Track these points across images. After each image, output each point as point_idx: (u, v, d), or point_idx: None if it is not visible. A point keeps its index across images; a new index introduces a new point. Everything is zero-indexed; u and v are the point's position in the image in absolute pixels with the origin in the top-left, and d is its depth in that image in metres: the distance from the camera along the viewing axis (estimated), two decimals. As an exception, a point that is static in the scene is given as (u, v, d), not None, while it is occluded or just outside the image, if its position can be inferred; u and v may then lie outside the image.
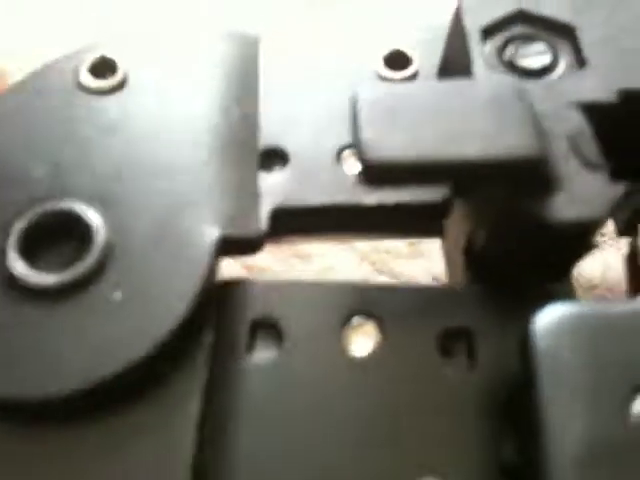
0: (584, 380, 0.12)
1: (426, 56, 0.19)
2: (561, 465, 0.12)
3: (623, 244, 0.22)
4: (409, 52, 0.19)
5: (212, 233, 0.15)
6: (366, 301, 0.15)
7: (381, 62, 0.19)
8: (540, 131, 0.14)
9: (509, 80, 0.15)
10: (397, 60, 0.19)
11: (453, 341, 0.15)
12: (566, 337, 0.13)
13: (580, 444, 0.12)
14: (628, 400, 0.12)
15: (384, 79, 0.18)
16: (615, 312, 0.13)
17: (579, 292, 0.23)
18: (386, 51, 0.19)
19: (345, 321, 0.15)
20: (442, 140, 0.13)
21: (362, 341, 0.15)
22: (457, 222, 0.17)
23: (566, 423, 0.12)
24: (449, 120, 0.14)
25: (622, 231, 0.18)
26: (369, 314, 0.15)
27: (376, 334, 0.15)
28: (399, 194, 0.16)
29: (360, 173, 0.13)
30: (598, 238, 0.15)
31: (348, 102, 0.14)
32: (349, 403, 0.14)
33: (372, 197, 0.16)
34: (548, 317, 0.13)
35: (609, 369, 0.12)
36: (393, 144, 0.13)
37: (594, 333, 0.13)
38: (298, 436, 0.14)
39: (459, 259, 0.17)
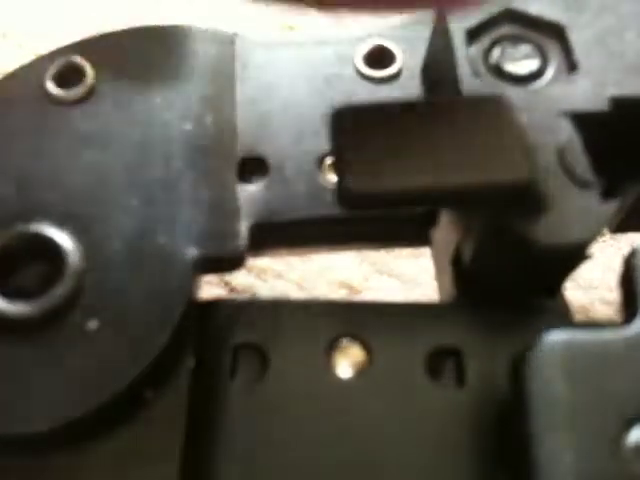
0: (577, 411, 0.12)
1: (410, 53, 0.18)
2: None
3: (623, 244, 0.21)
4: (393, 49, 0.18)
5: (190, 252, 0.15)
6: (352, 322, 0.15)
7: (363, 60, 0.18)
8: (529, 148, 0.14)
9: (497, 94, 0.14)
10: (380, 58, 0.18)
11: (441, 361, 0.15)
12: (559, 367, 0.12)
13: (571, 477, 0.12)
14: (621, 433, 0.12)
15: (366, 78, 0.18)
16: (609, 340, 0.13)
17: (579, 294, 0.23)
18: (368, 48, 0.18)
19: (331, 343, 0.15)
20: (425, 164, 0.13)
21: (348, 363, 0.15)
22: (446, 231, 0.16)
23: (557, 455, 0.12)
24: (432, 141, 0.13)
25: (615, 230, 0.18)
26: (355, 335, 0.15)
27: (362, 355, 0.15)
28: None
29: (338, 198, 0.13)
30: (592, 249, 0.14)
31: (323, 118, 0.13)
32: (335, 426, 0.14)
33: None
34: (541, 346, 0.13)
35: (602, 400, 0.12)
36: (375, 169, 0.13)
37: (587, 363, 0.12)
38: (283, 461, 0.14)
39: (448, 269, 0.16)
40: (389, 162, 0.13)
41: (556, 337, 0.13)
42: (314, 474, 0.14)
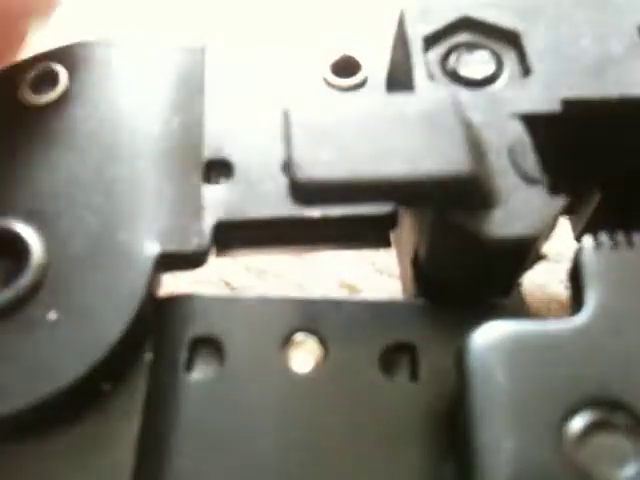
0: (517, 400, 0.12)
1: (376, 62, 0.18)
2: None
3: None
4: (358, 58, 0.18)
5: (151, 249, 0.15)
6: (309, 317, 0.15)
7: (329, 69, 0.18)
8: (476, 146, 0.14)
9: (446, 94, 0.15)
10: (346, 66, 0.18)
11: (396, 356, 0.15)
12: (500, 356, 0.13)
13: (512, 465, 0.12)
14: (562, 421, 0.12)
15: (332, 86, 0.18)
16: (552, 331, 0.13)
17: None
18: (335, 57, 0.19)
19: (287, 337, 0.15)
20: (372, 159, 0.13)
21: (304, 357, 0.15)
22: (406, 231, 0.17)
23: (497, 443, 0.12)
24: (382, 137, 0.14)
25: (579, 237, 0.18)
26: (311, 330, 0.15)
27: (318, 350, 0.15)
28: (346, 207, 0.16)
29: (289, 192, 0.13)
30: (545, 251, 0.15)
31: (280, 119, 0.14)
32: (290, 420, 0.14)
33: (317, 210, 0.16)
34: (483, 335, 0.13)
35: (543, 389, 0.12)
36: (323, 163, 0.13)
37: (529, 353, 0.13)
38: (238, 454, 0.14)
39: (408, 269, 0.17)
40: (338, 157, 0.13)
41: (496, 327, 0.13)
42: (267, 468, 0.14)
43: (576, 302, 0.13)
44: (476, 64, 0.16)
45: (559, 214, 0.14)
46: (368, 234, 0.17)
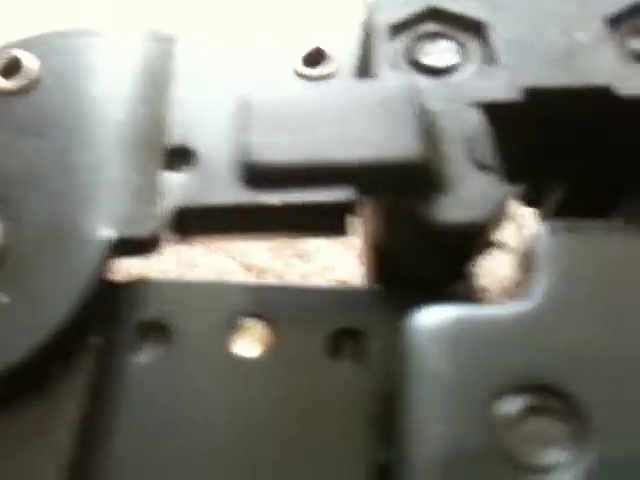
0: (449, 383, 0.12)
1: (347, 53, 0.18)
2: (421, 466, 0.11)
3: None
4: (329, 50, 0.18)
5: (104, 233, 0.15)
6: (256, 302, 0.15)
7: (300, 60, 0.18)
8: (430, 133, 0.14)
9: (405, 81, 0.14)
10: (317, 58, 0.18)
11: (344, 341, 0.15)
12: (437, 338, 0.12)
13: (440, 448, 0.11)
14: (491, 405, 0.12)
15: (303, 77, 0.18)
16: (494, 316, 0.13)
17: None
18: (307, 49, 0.18)
19: (234, 322, 0.15)
20: (326, 144, 0.13)
21: (251, 342, 0.15)
22: (366, 220, 0.17)
23: (428, 424, 0.12)
24: (335, 123, 0.13)
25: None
26: (259, 315, 0.15)
27: (265, 335, 0.15)
28: (304, 194, 0.16)
29: (242, 176, 0.13)
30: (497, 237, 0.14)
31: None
32: (235, 404, 0.14)
33: (276, 197, 0.16)
34: (423, 318, 0.13)
35: (476, 373, 0.12)
36: (275, 148, 0.13)
37: (467, 336, 0.12)
38: (182, 437, 0.14)
39: (369, 256, 0.16)
40: (293, 142, 0.13)
41: (438, 310, 0.12)
42: (211, 451, 0.14)
43: (525, 288, 0.13)
44: (440, 53, 0.16)
45: (509, 201, 0.13)
46: (327, 222, 0.17)
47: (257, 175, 0.13)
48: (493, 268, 0.20)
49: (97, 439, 0.14)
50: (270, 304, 0.15)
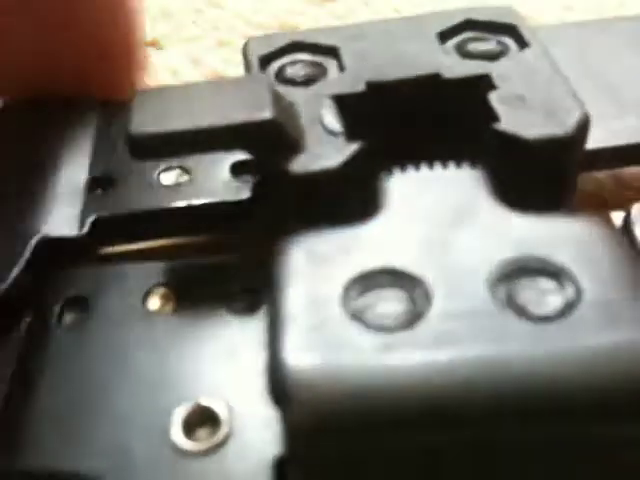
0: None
1: None
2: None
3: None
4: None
5: (35, 232, 0.18)
6: (164, 274, 0.18)
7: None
8: (287, 109, 0.17)
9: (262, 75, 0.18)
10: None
11: (242, 299, 0.17)
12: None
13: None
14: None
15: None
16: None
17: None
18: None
19: (147, 290, 0.17)
20: (193, 115, 0.17)
21: (163, 308, 0.17)
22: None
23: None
24: (201, 105, 0.17)
25: None
26: (167, 284, 0.18)
27: (173, 299, 0.17)
28: (207, 197, 0.19)
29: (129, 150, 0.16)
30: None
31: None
32: (151, 365, 0.16)
33: (182, 201, 0.19)
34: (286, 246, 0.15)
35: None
36: (153, 122, 0.16)
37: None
38: (97, 387, 0.16)
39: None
40: (165, 118, 0.17)
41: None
42: (123, 395, 0.16)
43: None
44: (304, 72, 0.20)
45: (355, 155, 0.17)
46: (229, 221, 0.20)
47: (138, 145, 0.16)
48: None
49: (23, 397, 0.16)
50: (178, 275, 0.18)
